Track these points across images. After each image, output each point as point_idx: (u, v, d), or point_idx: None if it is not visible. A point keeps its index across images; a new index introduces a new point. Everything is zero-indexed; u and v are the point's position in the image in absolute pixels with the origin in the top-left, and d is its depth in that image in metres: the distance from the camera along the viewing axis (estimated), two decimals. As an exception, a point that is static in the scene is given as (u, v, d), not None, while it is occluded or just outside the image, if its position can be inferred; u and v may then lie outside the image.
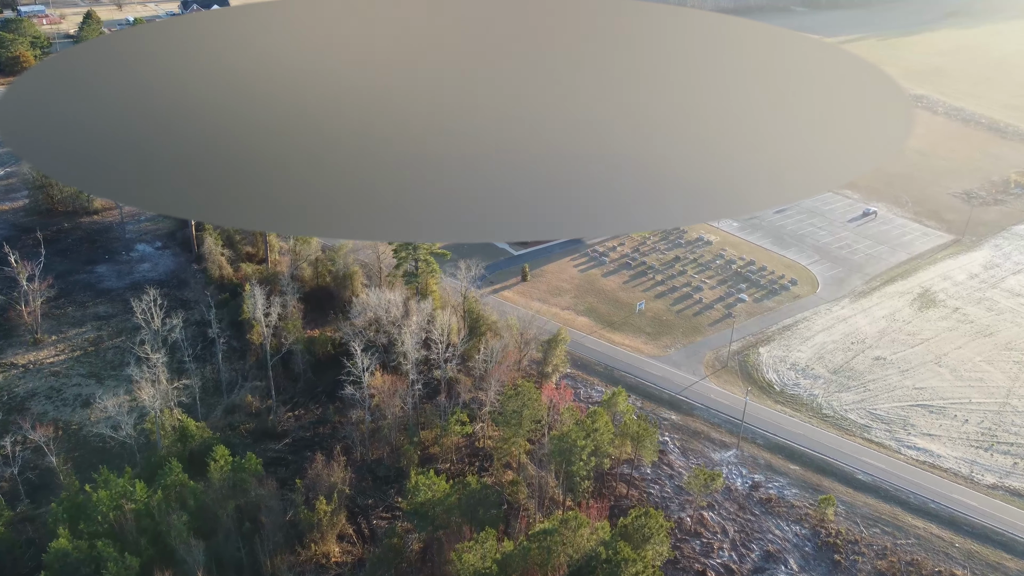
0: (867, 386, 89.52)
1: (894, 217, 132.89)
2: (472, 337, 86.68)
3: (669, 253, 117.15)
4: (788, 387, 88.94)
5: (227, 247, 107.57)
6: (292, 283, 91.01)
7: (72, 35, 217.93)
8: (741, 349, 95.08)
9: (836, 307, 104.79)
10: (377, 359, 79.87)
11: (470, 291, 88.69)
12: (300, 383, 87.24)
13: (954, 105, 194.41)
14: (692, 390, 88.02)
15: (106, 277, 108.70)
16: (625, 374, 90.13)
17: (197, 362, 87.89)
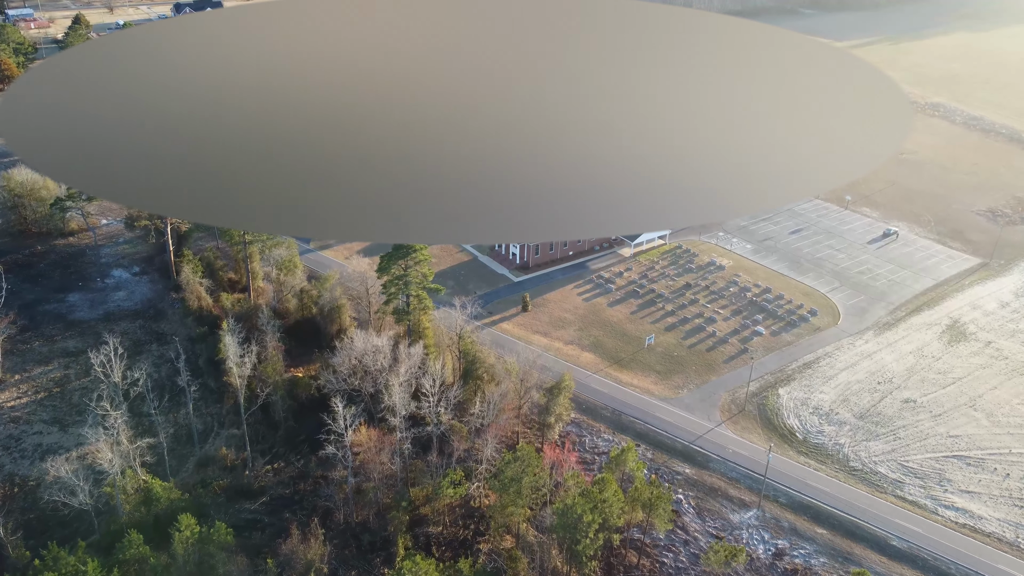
0: (897, 434, 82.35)
1: (916, 238, 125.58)
2: (468, 380, 79.63)
3: (679, 279, 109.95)
4: (811, 435, 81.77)
5: (207, 275, 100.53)
6: (273, 320, 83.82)
7: (59, 40, 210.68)
8: (759, 390, 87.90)
9: (859, 341, 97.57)
10: (362, 409, 72.85)
11: (465, 329, 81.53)
12: (280, 431, 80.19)
13: (972, 114, 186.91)
14: (707, 438, 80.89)
15: (78, 307, 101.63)
16: (634, 420, 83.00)
17: (172, 403, 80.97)
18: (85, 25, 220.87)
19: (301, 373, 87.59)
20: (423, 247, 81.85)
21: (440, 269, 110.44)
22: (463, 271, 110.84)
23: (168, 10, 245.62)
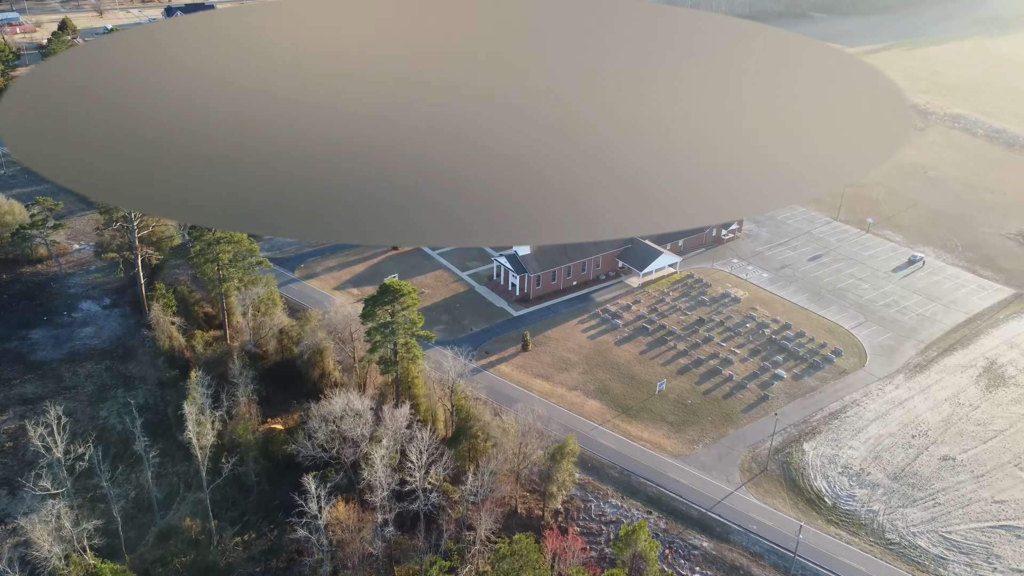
0: (936, 498, 74.35)
1: (944, 265, 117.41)
2: (461, 439, 71.80)
3: (691, 314, 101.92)
4: (842, 500, 73.76)
5: (180, 310, 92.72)
6: (246, 371, 75.91)
7: (43, 46, 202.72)
8: (782, 445, 79.92)
9: (889, 386, 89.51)
10: (342, 478, 65.08)
11: (458, 384, 73.64)
12: (252, 495, 72.42)
13: (995, 126, 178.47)
14: (727, 504, 72.93)
15: (41, 345, 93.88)
16: (645, 482, 75.06)
17: (135, 462, 73.09)
18: (72, 30, 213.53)
19: (279, 425, 79.81)
20: (411, 291, 74.01)
21: (434, 301, 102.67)
22: (458, 304, 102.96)
23: (159, 13, 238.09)
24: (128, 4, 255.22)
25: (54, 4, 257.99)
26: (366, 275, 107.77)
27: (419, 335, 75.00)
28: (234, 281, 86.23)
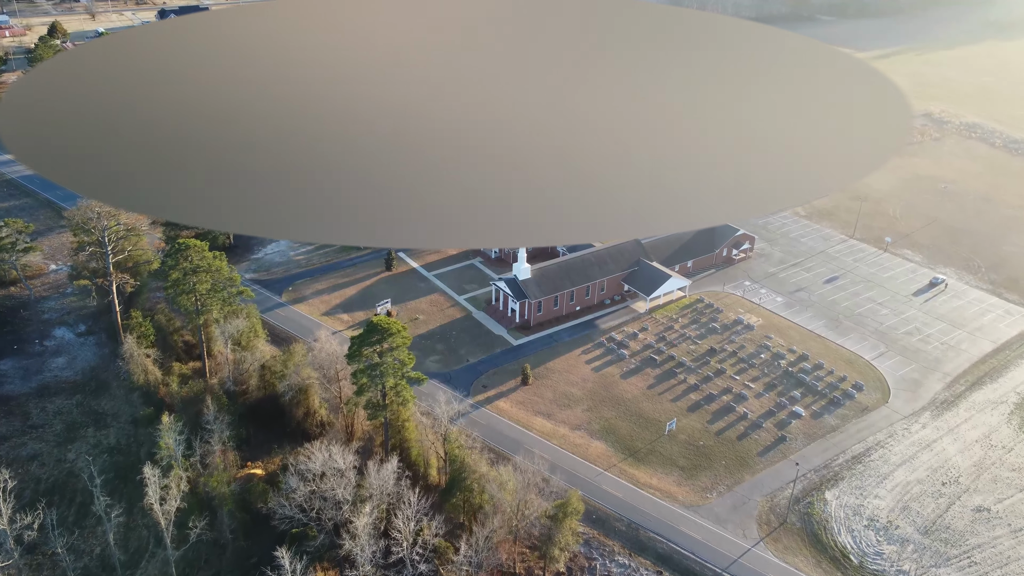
0: (971, 555, 68.41)
1: (967, 288, 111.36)
2: (455, 491, 65.94)
3: (702, 342, 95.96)
4: (869, 558, 67.81)
5: (158, 340, 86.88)
6: (222, 415, 70.02)
7: (31, 50, 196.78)
8: (803, 493, 74.00)
9: (916, 425, 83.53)
10: (324, 540, 59.24)
11: (452, 431, 67.76)
12: (228, 552, 66.59)
13: (1012, 136, 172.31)
14: (743, 563, 67.03)
15: (8, 377, 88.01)
16: (654, 536, 69.17)
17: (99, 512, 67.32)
18: (62, 34, 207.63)
19: (259, 470, 73.99)
20: (400, 329, 68.09)
21: (429, 328, 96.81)
22: (455, 331, 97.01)
23: (153, 16, 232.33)
24: (121, 6, 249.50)
25: (46, 7, 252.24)
26: (357, 299, 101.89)
27: (410, 376, 69.09)
28: (213, 312, 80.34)
